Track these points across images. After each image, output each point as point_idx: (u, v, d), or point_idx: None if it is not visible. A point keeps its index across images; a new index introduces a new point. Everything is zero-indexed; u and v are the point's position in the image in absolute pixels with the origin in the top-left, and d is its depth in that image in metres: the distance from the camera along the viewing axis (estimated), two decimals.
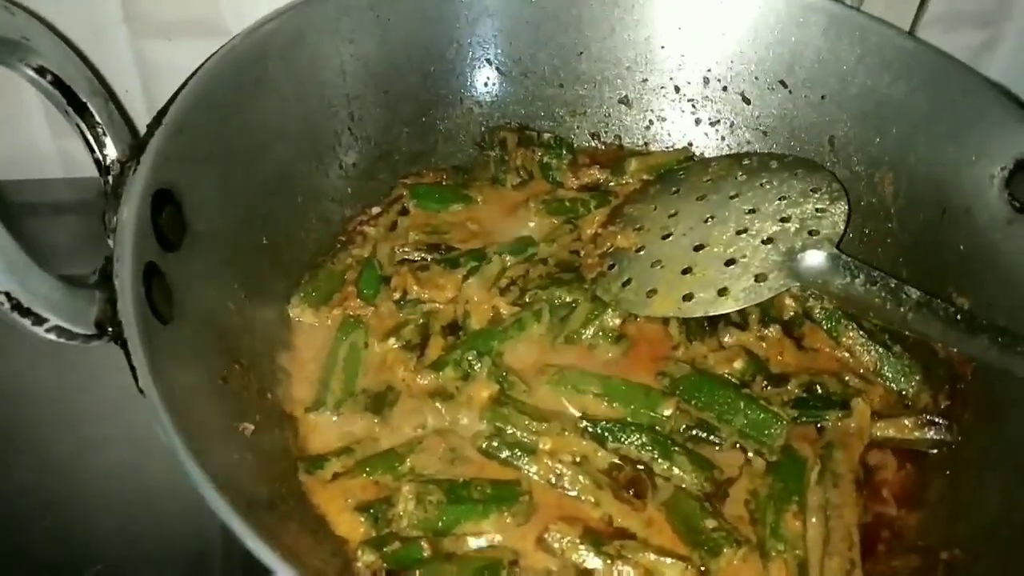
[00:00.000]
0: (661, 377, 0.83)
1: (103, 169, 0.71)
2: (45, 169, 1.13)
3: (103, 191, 0.71)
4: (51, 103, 0.70)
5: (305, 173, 0.90)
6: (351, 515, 0.71)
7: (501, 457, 0.77)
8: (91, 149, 0.71)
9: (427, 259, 0.90)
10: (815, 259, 0.82)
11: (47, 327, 0.57)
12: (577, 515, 0.74)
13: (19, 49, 0.64)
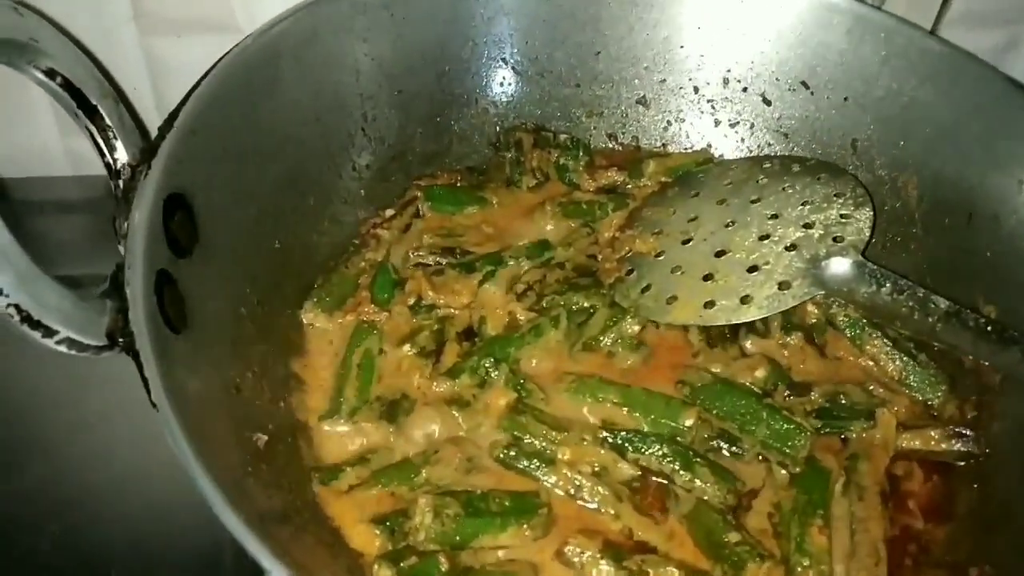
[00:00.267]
0: (681, 385, 0.81)
1: (113, 173, 0.70)
2: (52, 167, 1.12)
3: (113, 195, 0.69)
4: (60, 105, 0.68)
5: (318, 175, 0.88)
6: (366, 528, 0.70)
7: (519, 467, 0.75)
8: (101, 153, 0.69)
9: (442, 263, 0.89)
10: (840, 267, 0.81)
11: (57, 339, 0.56)
12: (597, 528, 0.73)
13: (28, 51, 0.62)
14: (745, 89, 0.99)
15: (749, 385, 0.81)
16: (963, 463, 0.79)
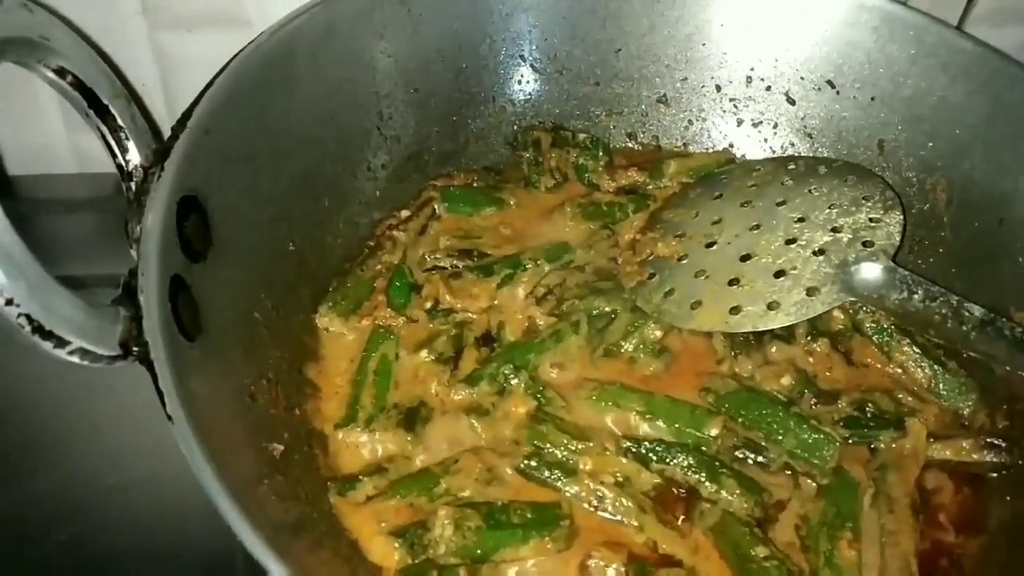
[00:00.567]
0: (705, 393, 0.79)
1: (125, 175, 0.68)
2: (59, 164, 1.10)
3: (125, 198, 0.67)
4: (71, 105, 0.66)
5: (332, 175, 0.86)
6: (385, 540, 0.68)
7: (540, 478, 0.73)
8: (113, 154, 0.67)
9: (459, 266, 0.87)
10: (871, 272, 0.79)
11: (70, 349, 0.54)
12: (620, 540, 0.71)
13: (38, 49, 0.60)
14: (769, 88, 0.97)
15: (775, 393, 0.79)
16: (995, 474, 0.77)
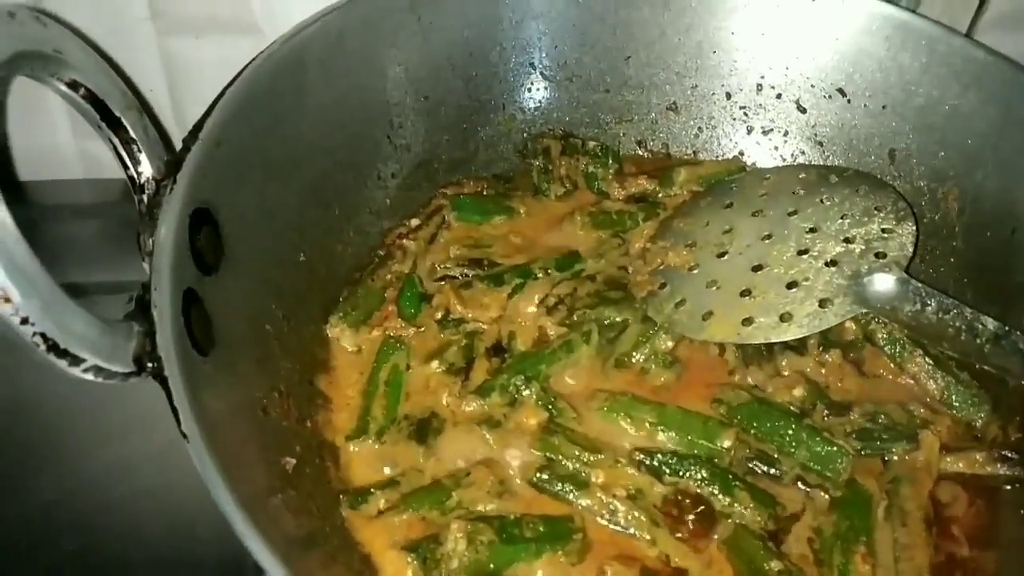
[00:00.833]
0: (716, 404, 0.79)
1: (137, 187, 0.67)
2: (66, 169, 1.10)
3: (137, 211, 0.67)
4: (84, 117, 0.65)
5: (343, 184, 0.86)
6: (398, 555, 0.68)
7: (552, 490, 0.73)
8: (124, 166, 0.67)
9: (469, 275, 0.86)
10: (884, 284, 0.78)
11: (84, 367, 0.54)
12: (633, 554, 0.71)
13: (51, 63, 0.60)
14: (779, 96, 0.97)
15: (787, 404, 0.79)
16: (1008, 486, 0.76)
